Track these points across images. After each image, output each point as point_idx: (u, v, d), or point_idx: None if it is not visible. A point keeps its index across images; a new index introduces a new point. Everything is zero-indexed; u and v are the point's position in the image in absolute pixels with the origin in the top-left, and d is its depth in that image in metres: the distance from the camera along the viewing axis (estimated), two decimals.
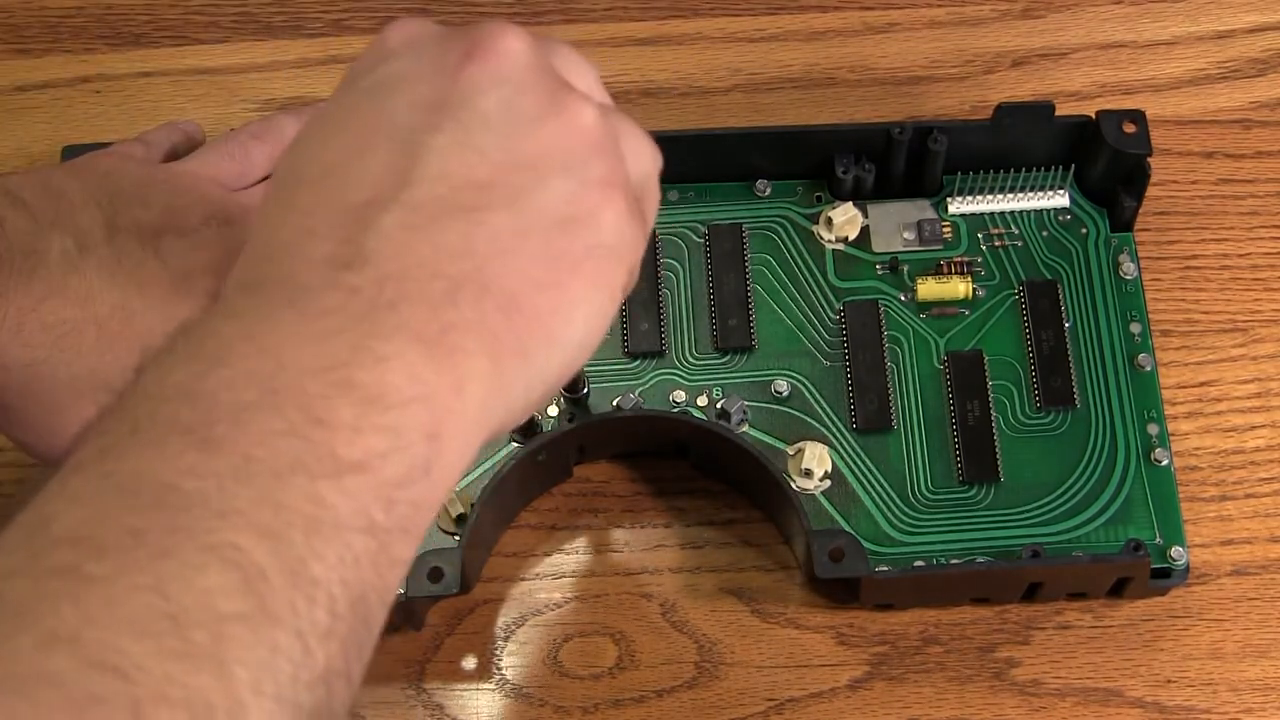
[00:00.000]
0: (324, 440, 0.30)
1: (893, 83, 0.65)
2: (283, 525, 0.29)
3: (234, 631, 0.27)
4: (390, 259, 0.33)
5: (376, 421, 0.31)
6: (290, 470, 0.29)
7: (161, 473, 0.29)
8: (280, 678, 0.28)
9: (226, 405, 0.30)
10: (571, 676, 0.55)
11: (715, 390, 0.56)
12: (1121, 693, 0.55)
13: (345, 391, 0.30)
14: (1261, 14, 0.66)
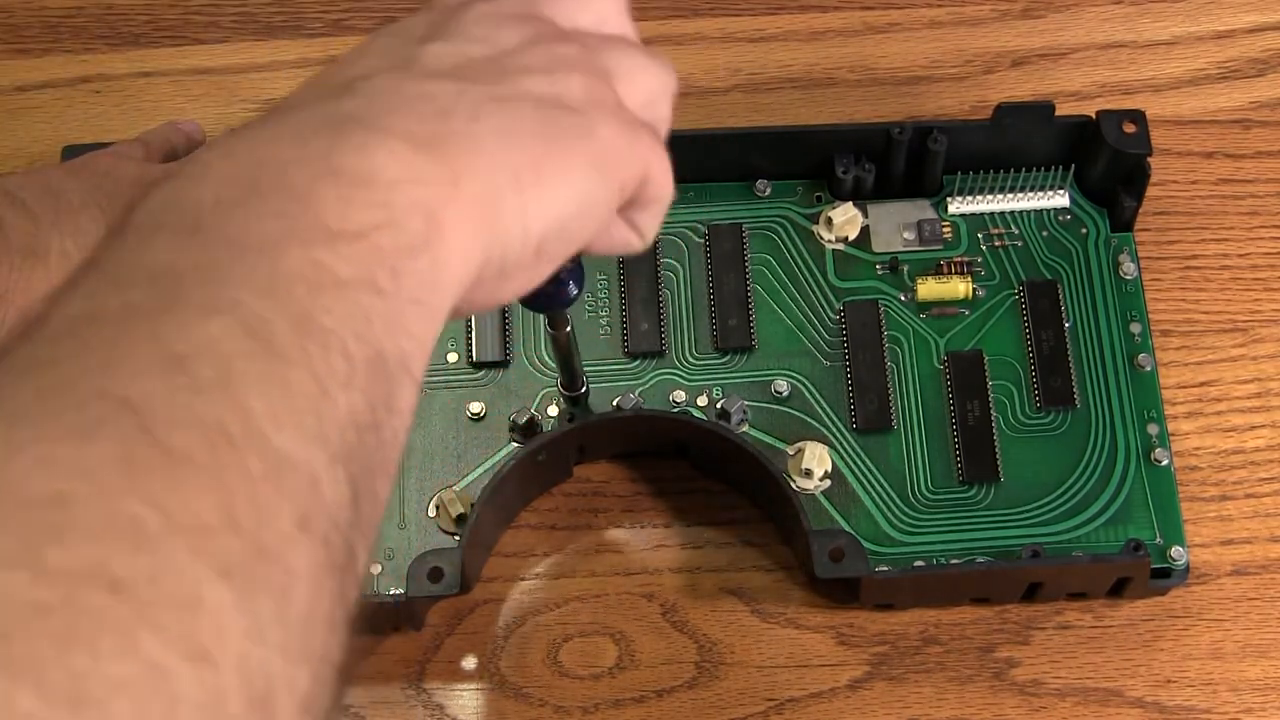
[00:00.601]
0: (313, 216, 0.30)
1: (893, 83, 0.65)
2: (283, 285, 0.28)
3: (242, 367, 0.27)
4: (381, 92, 0.33)
5: (365, 197, 0.31)
6: (283, 241, 0.29)
7: (151, 259, 0.29)
8: (300, 412, 0.27)
9: (210, 201, 0.30)
10: (571, 676, 0.55)
11: (715, 390, 0.56)
12: (1121, 693, 0.55)
13: (328, 177, 0.30)
14: (1261, 14, 0.66)
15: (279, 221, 0.29)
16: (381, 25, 0.67)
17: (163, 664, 0.23)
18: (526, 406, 0.56)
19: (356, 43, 0.70)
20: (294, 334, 0.28)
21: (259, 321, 0.28)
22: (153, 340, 0.27)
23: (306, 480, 0.27)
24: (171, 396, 0.26)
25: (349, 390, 0.28)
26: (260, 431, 0.26)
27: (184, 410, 0.26)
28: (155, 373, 0.26)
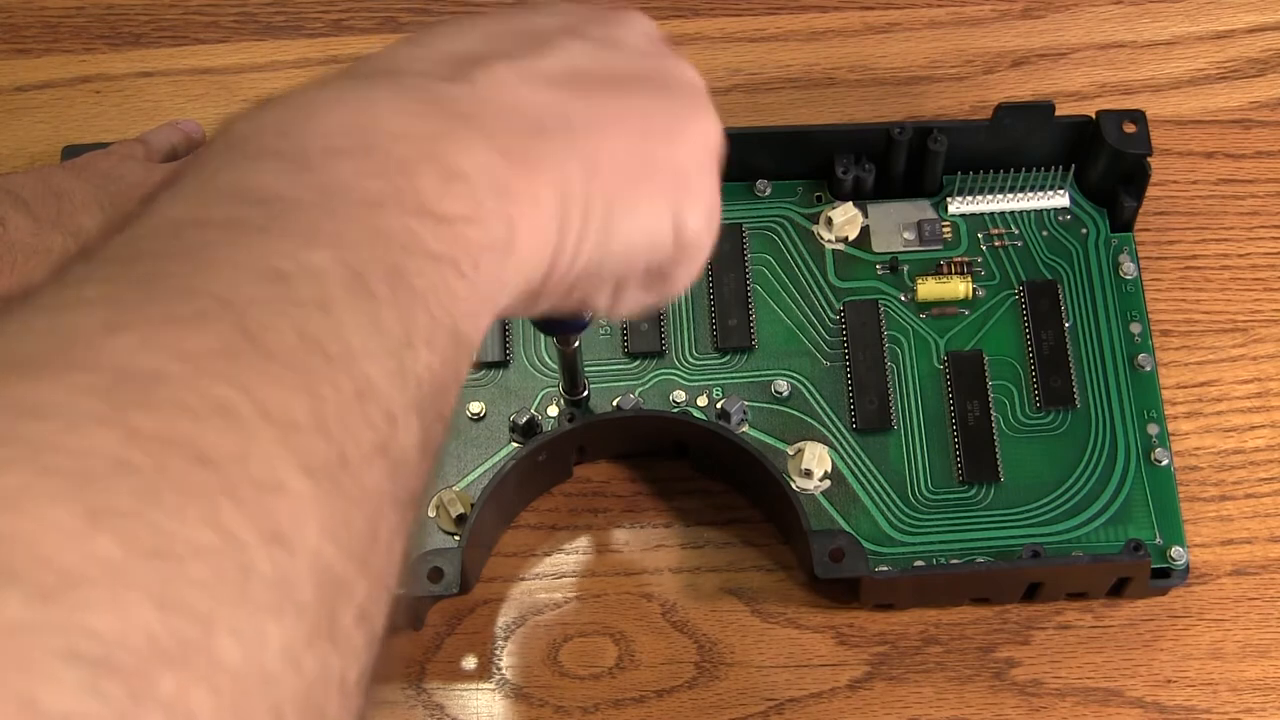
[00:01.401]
0: (413, 190, 0.31)
1: (893, 83, 0.65)
2: (381, 239, 0.29)
3: (340, 294, 0.28)
4: (492, 89, 0.34)
5: (459, 190, 0.32)
6: (385, 202, 0.30)
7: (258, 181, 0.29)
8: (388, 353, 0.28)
9: (319, 144, 0.31)
10: (571, 676, 0.55)
11: (715, 390, 0.56)
12: (1121, 693, 0.55)
13: (431, 160, 0.31)
14: (1261, 14, 0.66)
15: (383, 183, 0.30)
16: (381, 25, 0.67)
17: (241, 537, 0.24)
18: (526, 407, 0.56)
19: (356, 42, 0.70)
20: (387, 282, 0.29)
21: (357, 260, 0.28)
22: (259, 254, 0.27)
23: (386, 414, 0.28)
24: (272, 305, 0.27)
25: (430, 348, 0.29)
26: (352, 354, 0.27)
27: (283, 319, 0.26)
28: (258, 282, 0.27)
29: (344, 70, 0.35)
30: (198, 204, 0.29)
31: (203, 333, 0.25)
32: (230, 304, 0.26)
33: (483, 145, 0.32)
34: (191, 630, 0.23)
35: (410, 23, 0.66)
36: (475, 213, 0.32)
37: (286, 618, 0.24)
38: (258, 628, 0.24)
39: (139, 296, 0.26)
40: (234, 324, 0.26)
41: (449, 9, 0.66)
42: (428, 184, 0.31)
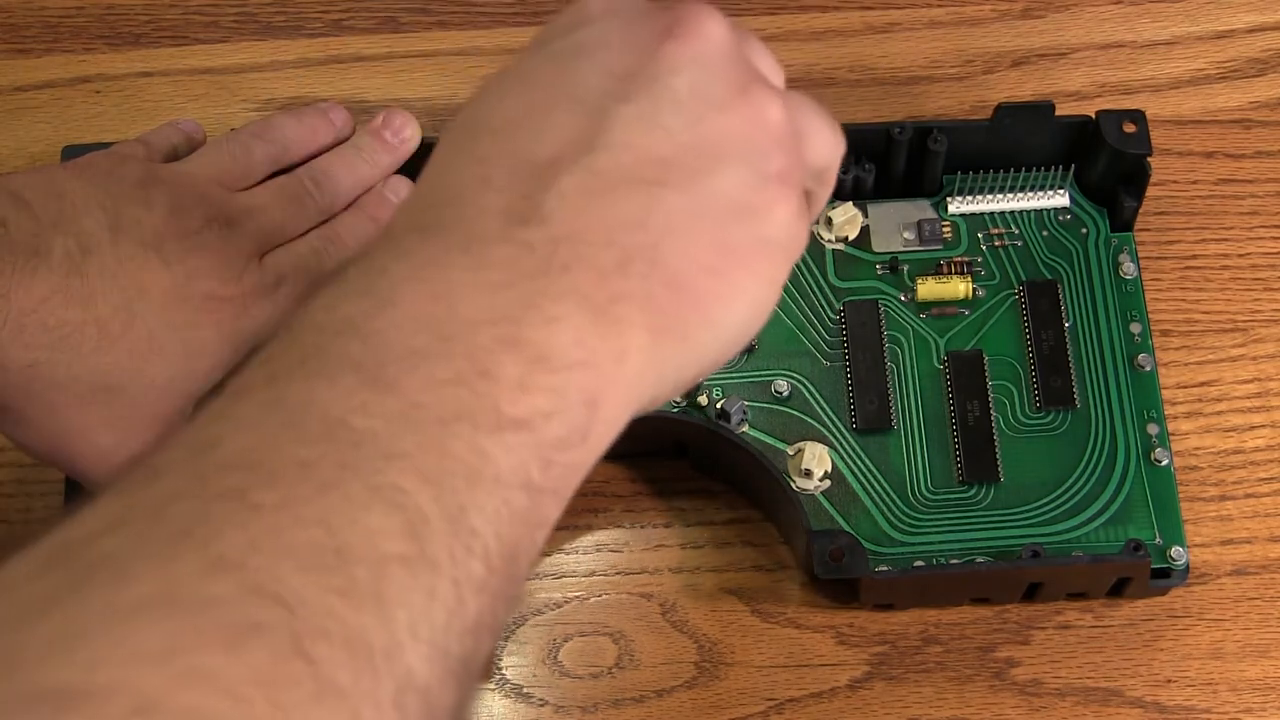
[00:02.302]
0: (489, 393, 0.30)
1: (893, 83, 0.65)
2: (446, 473, 0.29)
3: (395, 573, 0.27)
4: (567, 221, 0.33)
5: (541, 382, 0.31)
6: (456, 419, 0.29)
7: (331, 407, 0.29)
8: (435, 624, 0.28)
9: (396, 347, 0.30)
10: (571, 676, 0.55)
11: (715, 390, 0.56)
12: (1121, 693, 0.55)
13: (513, 348, 0.30)
14: (1261, 14, 0.66)
15: (459, 392, 0.30)
16: (381, 25, 0.66)
17: None
18: None
19: (356, 42, 0.70)
20: (446, 534, 0.28)
21: (420, 519, 0.28)
22: (321, 526, 0.27)
23: (424, 698, 0.27)
24: (326, 601, 0.26)
25: (480, 595, 0.29)
26: (399, 648, 0.27)
27: (336, 622, 0.26)
28: (315, 570, 0.26)
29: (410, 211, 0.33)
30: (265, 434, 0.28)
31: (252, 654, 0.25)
32: (286, 604, 0.25)
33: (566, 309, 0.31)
34: None
35: (410, 23, 0.66)
36: (555, 406, 0.31)
37: None
38: None
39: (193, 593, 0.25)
40: (288, 637, 0.25)
41: (449, 8, 0.66)
42: (506, 383, 0.30)
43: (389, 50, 0.65)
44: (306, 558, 0.26)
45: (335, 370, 0.29)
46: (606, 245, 0.33)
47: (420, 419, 0.29)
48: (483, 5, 0.67)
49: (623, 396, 0.33)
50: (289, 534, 0.27)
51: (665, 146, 0.34)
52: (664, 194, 0.34)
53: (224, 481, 0.27)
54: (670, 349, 0.34)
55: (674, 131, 0.34)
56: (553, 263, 0.32)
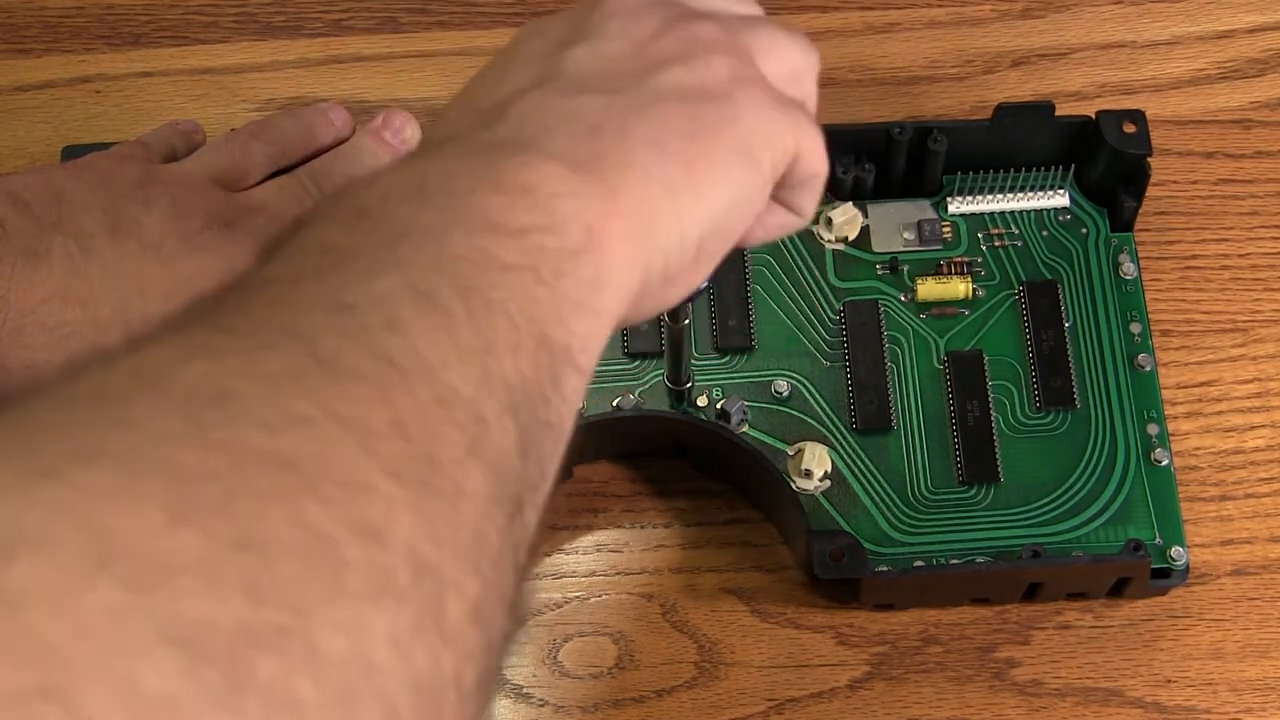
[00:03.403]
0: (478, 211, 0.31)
1: (893, 83, 0.65)
2: (448, 262, 0.30)
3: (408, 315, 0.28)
4: (532, 114, 0.35)
5: (527, 203, 0.32)
6: (449, 227, 0.31)
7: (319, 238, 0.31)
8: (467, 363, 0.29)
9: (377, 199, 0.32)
10: (571, 677, 0.55)
11: (715, 390, 0.56)
12: (1121, 693, 0.55)
13: (492, 184, 0.32)
14: (1261, 14, 0.66)
15: (444, 213, 0.31)
16: (381, 25, 0.67)
17: (329, 533, 0.24)
18: None
19: (356, 42, 0.70)
20: (460, 299, 0.29)
21: (424, 282, 0.29)
22: (322, 292, 0.28)
23: (474, 416, 0.28)
24: (338, 330, 0.27)
25: (516, 355, 0.30)
26: (428, 365, 0.28)
27: (351, 341, 0.27)
28: (324, 314, 0.28)
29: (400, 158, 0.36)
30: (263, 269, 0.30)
31: (272, 358, 0.26)
32: (298, 334, 0.27)
33: (541, 160, 0.33)
34: (286, 619, 0.23)
35: (410, 23, 0.66)
36: (547, 222, 0.32)
37: (386, 607, 0.24)
38: (357, 617, 0.24)
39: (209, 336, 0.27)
40: (303, 349, 0.27)
41: (449, 8, 0.66)
42: (492, 203, 0.31)
43: (389, 50, 0.65)
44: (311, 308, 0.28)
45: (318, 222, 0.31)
46: (572, 121, 0.35)
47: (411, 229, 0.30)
48: (483, 5, 0.67)
49: (623, 235, 0.33)
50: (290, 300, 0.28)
51: (611, 67, 0.37)
52: (618, 97, 0.36)
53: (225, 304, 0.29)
54: (661, 201, 0.35)
55: (616, 58, 0.37)
56: (522, 138, 0.34)
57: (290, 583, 0.23)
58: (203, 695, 0.22)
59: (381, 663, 0.24)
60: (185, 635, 0.22)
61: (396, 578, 0.25)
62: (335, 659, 0.23)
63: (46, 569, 0.21)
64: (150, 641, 0.21)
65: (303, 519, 0.24)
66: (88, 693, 0.21)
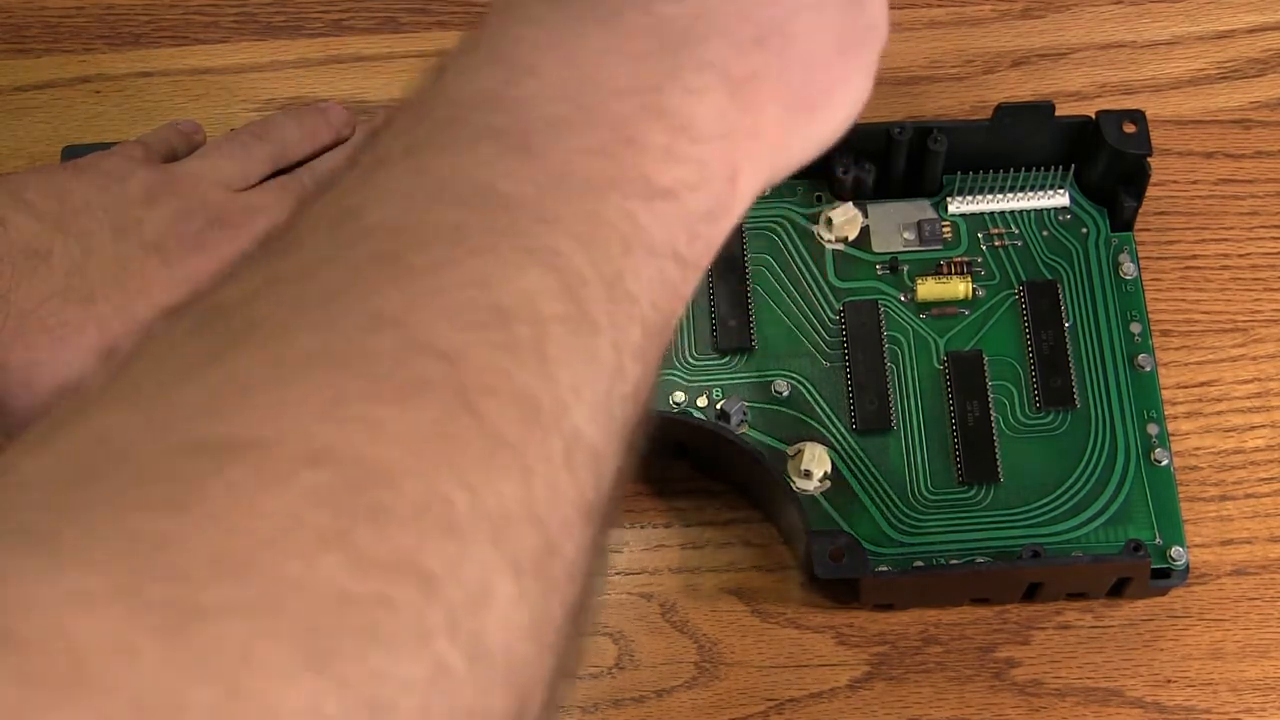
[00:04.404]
0: (636, 163, 0.30)
1: (893, 83, 0.65)
2: (600, 239, 0.28)
3: (555, 332, 0.27)
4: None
5: (686, 152, 0.31)
6: (606, 187, 0.29)
7: (478, 173, 0.28)
8: (598, 386, 0.27)
9: (539, 116, 0.29)
10: None
11: (715, 391, 0.56)
12: (1121, 693, 0.55)
13: (656, 117, 0.30)
14: (1261, 14, 0.66)
15: (605, 162, 0.29)
16: (381, 25, 0.67)
17: (449, 664, 0.23)
18: None
19: (356, 42, 0.70)
20: (605, 299, 0.28)
21: (577, 280, 0.27)
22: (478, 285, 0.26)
23: (592, 465, 0.27)
24: (490, 357, 0.25)
25: (638, 362, 0.29)
26: (564, 407, 0.26)
27: (501, 377, 0.25)
28: (479, 327, 0.26)
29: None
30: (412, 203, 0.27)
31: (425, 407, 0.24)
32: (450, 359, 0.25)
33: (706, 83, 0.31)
34: None
35: (410, 23, 0.66)
36: (700, 177, 0.31)
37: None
38: None
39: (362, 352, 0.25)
40: (454, 390, 0.25)
41: (449, 8, 0.66)
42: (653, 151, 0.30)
43: (389, 50, 0.65)
44: (466, 315, 0.26)
45: (476, 139, 0.29)
46: (742, 20, 0.33)
47: (570, 185, 0.29)
48: (482, 5, 0.67)
49: (756, 171, 0.33)
50: (446, 293, 0.26)
51: None
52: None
53: (373, 246, 0.26)
54: (797, 125, 0.34)
55: None
56: (691, 34, 0.32)
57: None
58: None
59: None
60: None
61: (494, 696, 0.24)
62: None
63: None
64: None
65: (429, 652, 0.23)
66: None
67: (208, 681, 0.21)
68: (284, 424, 0.23)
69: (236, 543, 0.22)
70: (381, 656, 0.22)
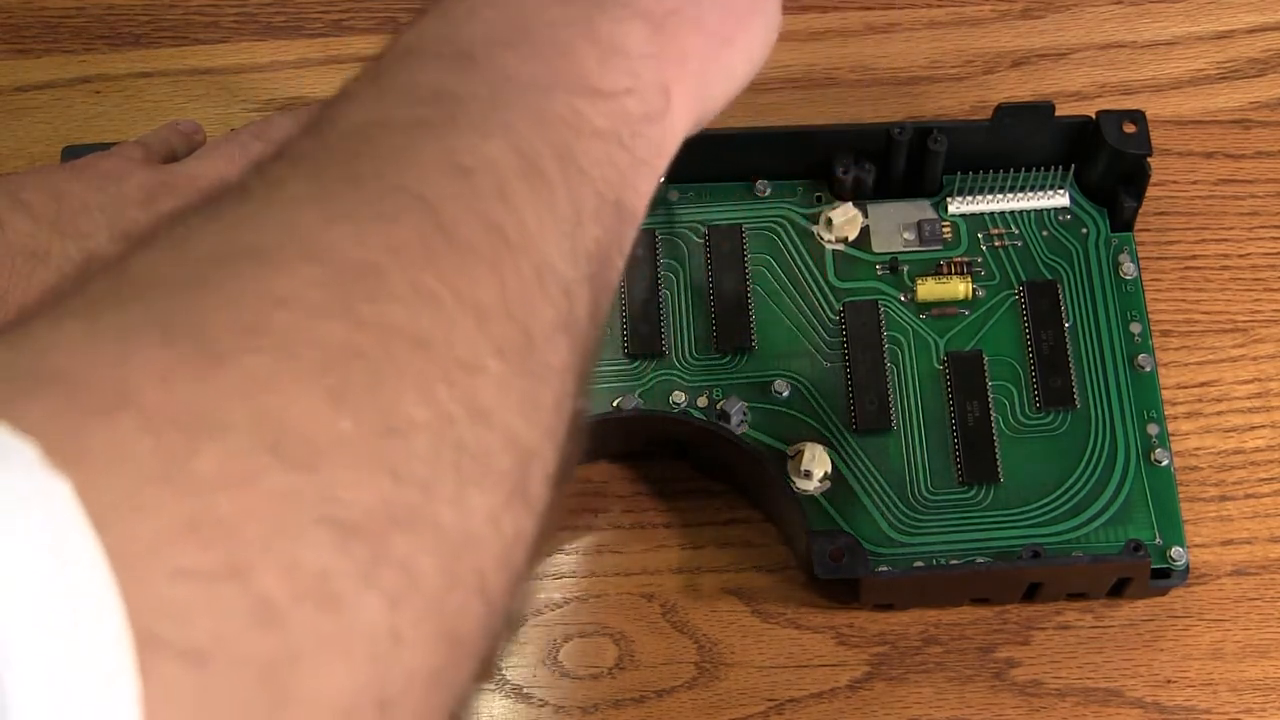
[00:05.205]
0: (575, 71, 0.34)
1: (893, 83, 0.65)
2: (550, 121, 0.32)
3: (515, 185, 0.30)
4: None
5: (619, 64, 0.35)
6: (550, 87, 0.33)
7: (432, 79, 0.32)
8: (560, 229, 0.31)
9: (482, 40, 0.33)
10: (571, 676, 0.55)
11: (715, 391, 0.56)
12: (1121, 693, 0.55)
13: (590, 42, 0.34)
14: (1261, 14, 0.66)
15: (546, 67, 0.33)
16: (381, 25, 0.67)
17: (452, 414, 0.26)
18: None
19: (356, 42, 0.70)
20: (558, 165, 0.31)
21: (529, 148, 0.31)
22: (442, 150, 0.30)
23: (563, 289, 0.30)
24: (459, 199, 0.29)
25: (597, 223, 0.32)
26: (531, 238, 0.30)
27: (469, 211, 0.29)
28: (445, 178, 0.29)
29: None
30: (378, 107, 0.31)
31: (405, 227, 0.28)
32: (424, 199, 0.29)
33: (631, 17, 0.35)
34: (417, 499, 0.25)
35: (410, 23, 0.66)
36: (634, 84, 0.35)
37: (488, 486, 0.27)
38: (466, 496, 0.26)
39: (345, 193, 0.28)
40: (429, 218, 0.28)
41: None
42: (588, 63, 0.34)
43: None
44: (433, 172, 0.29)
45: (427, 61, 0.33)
46: None
47: (517, 86, 0.32)
48: None
49: (685, 94, 0.37)
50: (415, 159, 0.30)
51: None
52: None
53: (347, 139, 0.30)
54: (719, 57, 0.39)
55: None
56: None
57: (422, 463, 0.25)
58: (350, 569, 0.24)
59: (479, 536, 0.27)
60: (338, 515, 0.24)
61: (497, 460, 0.27)
62: (449, 535, 0.26)
63: (227, 456, 0.23)
64: (309, 522, 0.23)
65: (434, 400, 0.26)
66: (259, 571, 0.22)
67: (236, 402, 0.23)
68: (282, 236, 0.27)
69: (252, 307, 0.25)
70: (389, 394, 0.25)
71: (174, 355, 0.24)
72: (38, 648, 0.20)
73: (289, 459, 0.23)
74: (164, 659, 0.21)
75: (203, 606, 0.22)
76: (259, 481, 0.23)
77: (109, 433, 0.22)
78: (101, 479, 0.21)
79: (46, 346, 0.23)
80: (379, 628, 0.24)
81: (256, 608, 0.22)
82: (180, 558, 0.22)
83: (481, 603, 0.27)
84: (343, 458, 0.24)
